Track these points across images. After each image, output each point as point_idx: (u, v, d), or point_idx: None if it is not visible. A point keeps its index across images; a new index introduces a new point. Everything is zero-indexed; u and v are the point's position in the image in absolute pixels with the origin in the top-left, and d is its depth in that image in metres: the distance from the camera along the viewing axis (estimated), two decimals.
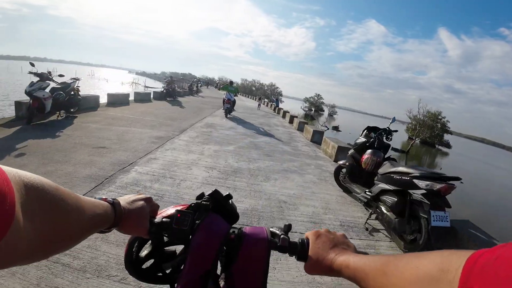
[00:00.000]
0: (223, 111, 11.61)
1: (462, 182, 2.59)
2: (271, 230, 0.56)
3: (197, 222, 0.53)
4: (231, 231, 0.54)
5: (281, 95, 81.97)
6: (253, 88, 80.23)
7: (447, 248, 0.32)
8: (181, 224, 0.53)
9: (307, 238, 0.54)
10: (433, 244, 2.50)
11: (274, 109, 19.61)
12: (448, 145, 40.72)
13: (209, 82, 65.86)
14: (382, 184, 3.04)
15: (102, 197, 0.49)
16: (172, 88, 15.84)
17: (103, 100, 9.49)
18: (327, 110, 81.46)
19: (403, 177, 2.78)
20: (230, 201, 0.61)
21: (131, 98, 12.00)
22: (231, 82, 13.40)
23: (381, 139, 3.71)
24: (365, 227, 3.09)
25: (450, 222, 2.50)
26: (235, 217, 0.62)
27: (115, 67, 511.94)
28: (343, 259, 0.45)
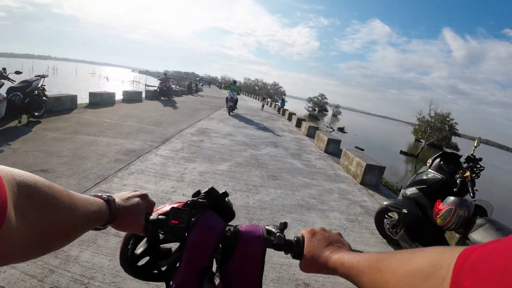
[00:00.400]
0: (226, 109, 11.98)
1: None
2: (267, 228, 0.55)
3: (193, 220, 0.53)
4: (227, 229, 0.54)
5: (285, 95, 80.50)
6: (256, 88, 78.86)
7: None
8: (177, 222, 0.52)
9: (303, 236, 0.54)
10: None
11: (279, 110, 18.11)
12: (456, 148, 39.40)
13: (212, 81, 64.71)
14: None
15: (97, 194, 0.48)
16: (167, 87, 14.44)
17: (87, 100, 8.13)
18: (331, 110, 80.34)
19: None
20: (227, 199, 0.61)
21: (119, 98, 10.66)
22: (234, 82, 13.75)
23: (468, 179, 2.18)
24: None
25: None
26: (231, 215, 0.62)
27: (119, 66, 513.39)
28: (338, 257, 0.45)
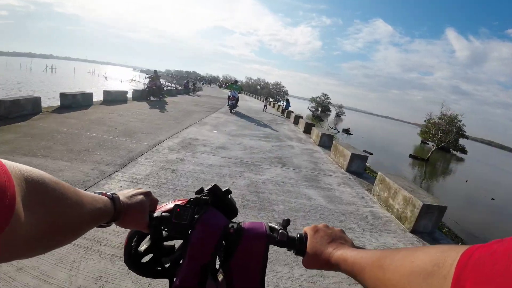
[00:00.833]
0: (225, 109, 12.15)
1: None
2: (270, 225, 0.56)
3: (196, 217, 0.53)
4: (230, 226, 0.54)
5: (287, 94, 78.77)
6: (258, 87, 77.16)
7: None
8: (181, 219, 0.52)
9: (306, 233, 0.54)
10: None
11: (283, 112, 16.42)
12: (464, 151, 38.10)
13: (212, 81, 63.20)
14: None
15: (102, 192, 0.48)
16: (157, 86, 12.84)
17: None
18: (334, 111, 78.68)
19: None
20: (230, 196, 0.61)
21: (99, 99, 9.11)
22: (236, 81, 14.78)
23: None
24: None
25: None
26: (234, 212, 0.62)
27: (120, 65, 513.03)
28: (341, 253, 0.46)
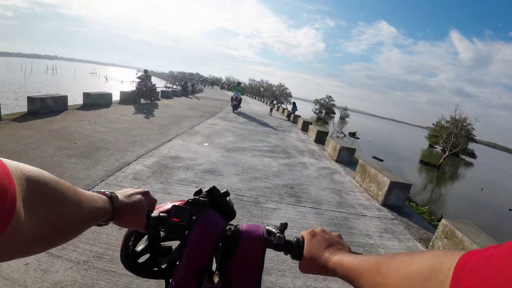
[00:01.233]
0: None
1: None
2: (267, 228, 0.55)
3: (194, 218, 0.53)
4: (228, 228, 0.54)
5: (291, 96, 77.28)
6: (261, 89, 75.73)
7: None
8: (178, 220, 0.52)
9: (303, 237, 0.54)
10: None
11: (288, 116, 14.87)
12: (473, 155, 37.18)
13: (215, 82, 61.93)
14: None
15: (101, 190, 0.49)
16: (148, 87, 11.42)
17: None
18: (338, 113, 77.30)
19: None
20: (228, 198, 0.61)
21: (78, 103, 7.76)
22: (239, 83, 15.59)
23: None
24: None
25: None
26: (232, 214, 0.61)
27: (124, 66, 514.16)
28: (338, 259, 0.46)
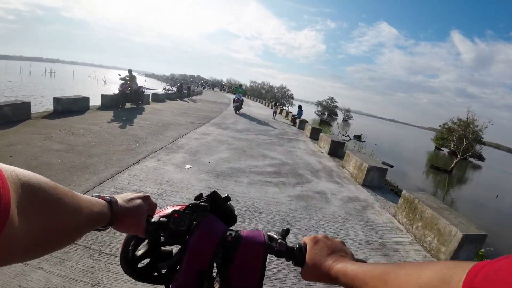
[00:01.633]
0: (233, 108, 13.55)
1: None
2: (269, 234, 0.55)
3: (195, 223, 0.52)
4: (228, 233, 0.53)
5: (292, 98, 75.97)
6: (263, 91, 74.34)
7: None
8: (178, 224, 0.52)
9: (305, 244, 0.53)
10: None
11: (293, 121, 13.30)
12: (481, 157, 35.57)
13: (215, 84, 60.69)
14: None
15: (100, 195, 0.48)
16: (133, 90, 9.99)
17: None
18: (341, 115, 76.17)
19: None
20: (229, 203, 0.60)
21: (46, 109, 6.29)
22: (240, 85, 17.92)
23: None
24: None
25: None
26: (233, 219, 0.61)
27: (126, 69, 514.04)
28: (341, 267, 0.45)
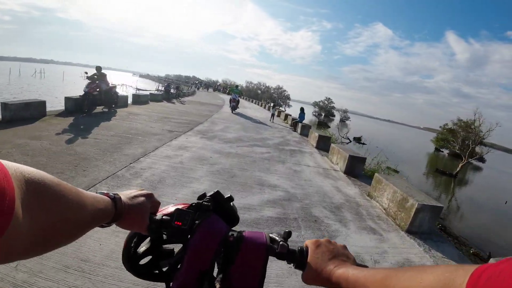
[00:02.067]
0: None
1: None
2: (271, 236, 0.55)
3: (197, 222, 0.53)
4: (230, 234, 0.53)
5: (289, 99, 74.54)
6: (259, 91, 72.66)
7: None
8: (181, 223, 0.52)
9: (307, 247, 0.53)
10: None
11: (294, 126, 11.57)
12: (482, 159, 34.34)
13: (209, 85, 58.85)
14: None
15: (104, 192, 0.48)
16: (104, 91, 8.32)
17: None
18: (338, 115, 75.29)
19: None
20: (232, 203, 0.60)
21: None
22: (236, 86, 20.84)
23: None
24: None
25: None
26: (236, 220, 0.61)
27: (121, 70, 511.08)
28: (342, 272, 0.44)
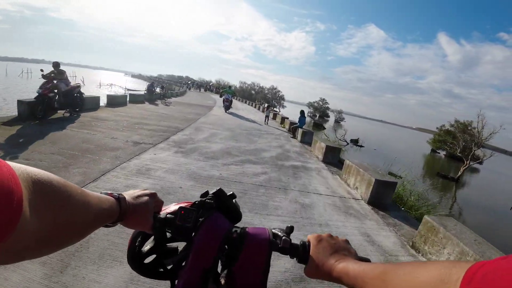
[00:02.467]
0: (223, 108, 14.58)
1: None
2: (273, 231, 0.55)
3: (200, 220, 0.53)
4: (234, 230, 0.54)
5: (283, 99, 73.28)
6: (253, 92, 71.11)
7: None
8: (185, 221, 0.53)
9: (309, 241, 0.53)
10: None
11: (293, 131, 10.02)
12: (480, 162, 33.97)
13: (202, 85, 57.06)
14: None
15: (108, 192, 0.49)
16: (63, 92, 6.80)
17: None
18: (333, 116, 74.95)
19: None
20: (234, 201, 0.61)
21: None
22: (229, 87, 20.64)
23: None
24: None
25: None
26: (238, 217, 0.61)
27: (114, 70, 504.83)
28: (343, 266, 0.45)
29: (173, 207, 0.58)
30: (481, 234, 2.59)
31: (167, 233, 0.58)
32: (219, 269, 0.53)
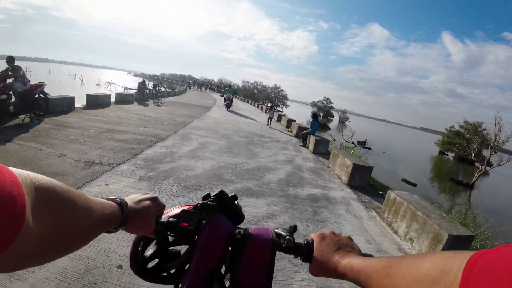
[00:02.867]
0: (224, 106, 14.92)
1: None
2: (277, 231, 0.55)
3: (203, 222, 0.53)
4: (237, 232, 0.53)
5: (287, 99, 71.61)
6: (255, 91, 69.52)
7: None
8: (187, 224, 0.52)
9: (312, 240, 0.53)
10: None
11: (304, 139, 8.42)
12: (489, 164, 32.61)
13: (203, 84, 55.58)
14: None
15: (110, 197, 0.49)
16: (20, 93, 5.38)
17: None
18: (337, 116, 73.56)
19: None
20: (236, 202, 0.60)
21: None
22: (230, 86, 23.65)
23: None
24: None
25: None
26: (241, 218, 0.61)
27: (117, 69, 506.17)
28: (347, 262, 0.45)
29: (175, 211, 0.58)
30: None
31: (169, 237, 0.58)
32: (223, 271, 0.53)
